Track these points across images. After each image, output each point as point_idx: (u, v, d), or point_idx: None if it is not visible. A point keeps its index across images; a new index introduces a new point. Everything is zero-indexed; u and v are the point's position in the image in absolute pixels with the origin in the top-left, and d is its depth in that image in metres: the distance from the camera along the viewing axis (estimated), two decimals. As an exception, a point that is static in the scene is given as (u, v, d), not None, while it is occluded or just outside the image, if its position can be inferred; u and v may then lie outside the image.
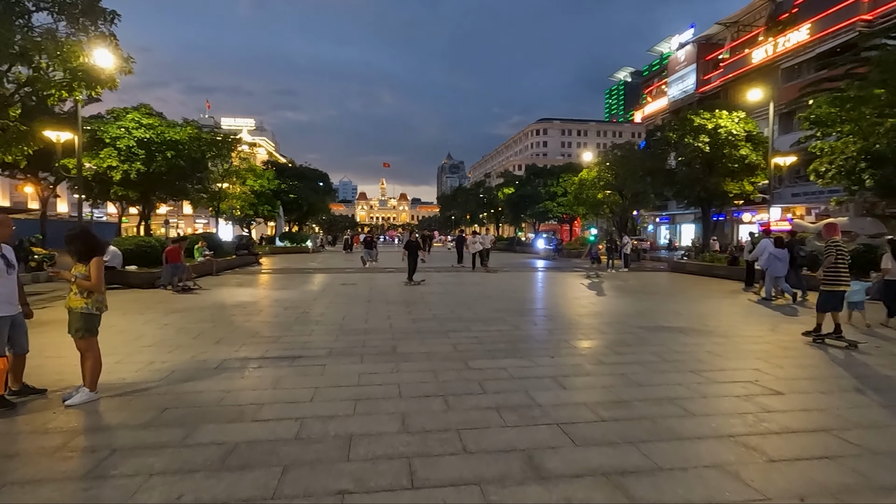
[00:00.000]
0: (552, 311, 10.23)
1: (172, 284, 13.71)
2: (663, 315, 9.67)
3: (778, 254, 11.66)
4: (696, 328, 8.29)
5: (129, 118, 17.47)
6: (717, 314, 9.92)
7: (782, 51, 37.67)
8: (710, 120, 20.32)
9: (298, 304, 10.84)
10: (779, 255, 11.65)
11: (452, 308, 10.31)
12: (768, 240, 12.22)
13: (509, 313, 9.74)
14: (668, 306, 10.98)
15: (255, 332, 7.79)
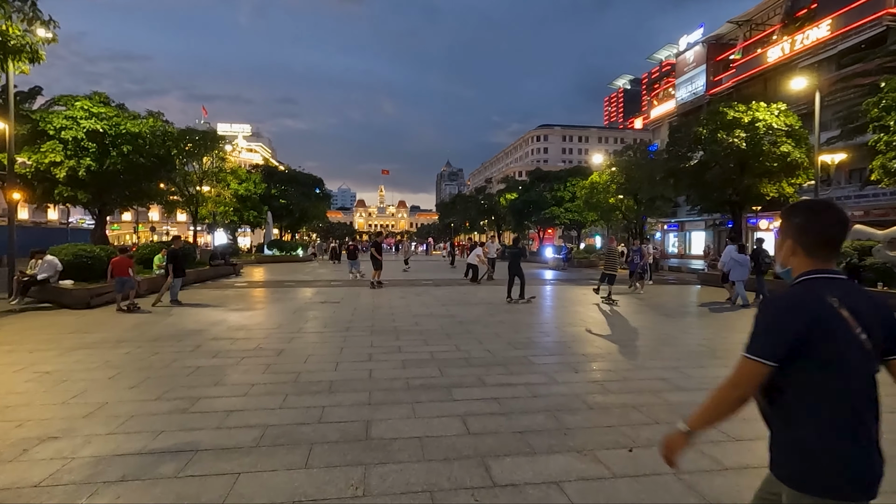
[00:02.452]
0: (594, 347, 7.69)
1: (116, 302, 11.29)
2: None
3: (740, 259, 12.26)
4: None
5: (77, 106, 14.97)
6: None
7: (800, 49, 35.57)
8: (745, 113, 17.91)
9: (255, 334, 8.30)
10: (740, 261, 12.25)
11: (456, 341, 7.77)
12: (732, 246, 12.62)
13: (536, 351, 7.21)
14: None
15: (165, 388, 5.25)
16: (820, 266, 1.64)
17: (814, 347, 1.53)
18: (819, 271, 1.63)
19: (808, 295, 1.59)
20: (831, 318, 1.54)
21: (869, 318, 1.57)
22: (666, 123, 54.23)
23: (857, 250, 14.45)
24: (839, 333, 1.54)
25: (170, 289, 12.23)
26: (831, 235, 1.65)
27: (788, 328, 1.54)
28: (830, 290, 1.59)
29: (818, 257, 1.65)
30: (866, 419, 1.56)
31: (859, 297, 1.61)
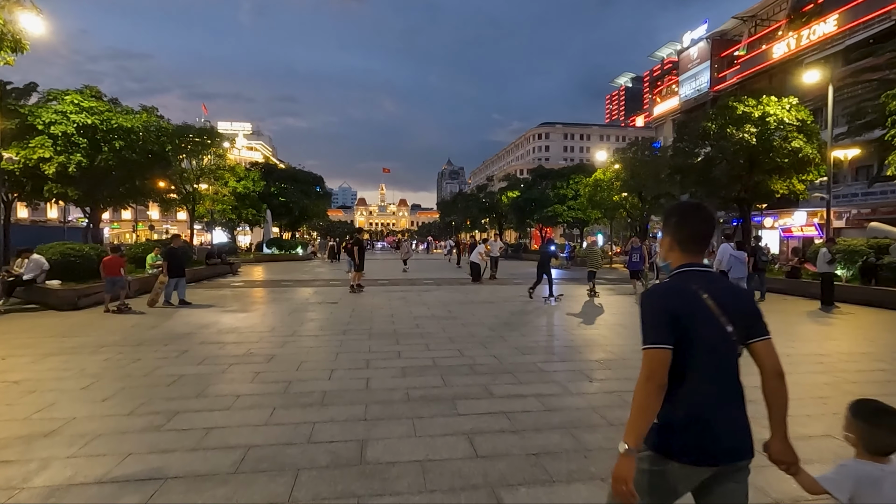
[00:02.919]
0: (606, 351, 7.21)
1: (104, 303, 10.89)
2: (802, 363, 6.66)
3: (738, 256, 12.13)
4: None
5: (67, 100, 14.47)
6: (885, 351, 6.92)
7: (807, 44, 35.04)
8: (755, 107, 17.37)
9: (247, 338, 7.83)
10: (739, 257, 12.11)
11: (460, 345, 7.30)
12: (729, 244, 12.64)
13: (545, 356, 6.74)
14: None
15: (141, 401, 4.78)
16: (691, 260, 1.83)
17: (682, 331, 1.69)
18: (690, 265, 1.82)
19: (678, 285, 1.79)
20: (696, 305, 1.72)
21: (730, 306, 1.74)
22: (669, 121, 53.67)
23: (873, 248, 13.95)
24: (703, 319, 1.70)
25: (167, 289, 11.74)
26: (699, 232, 1.84)
27: (666, 314, 1.71)
28: (698, 281, 1.77)
29: (689, 252, 1.84)
30: (725, 396, 1.74)
31: (722, 287, 1.80)
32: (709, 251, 26.54)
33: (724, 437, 1.71)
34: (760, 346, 1.77)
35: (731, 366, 1.76)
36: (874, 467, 1.63)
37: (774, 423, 1.81)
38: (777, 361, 1.78)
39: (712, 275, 1.83)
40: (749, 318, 1.78)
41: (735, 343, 1.75)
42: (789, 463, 1.78)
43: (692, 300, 1.73)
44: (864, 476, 1.62)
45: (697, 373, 1.71)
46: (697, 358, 1.71)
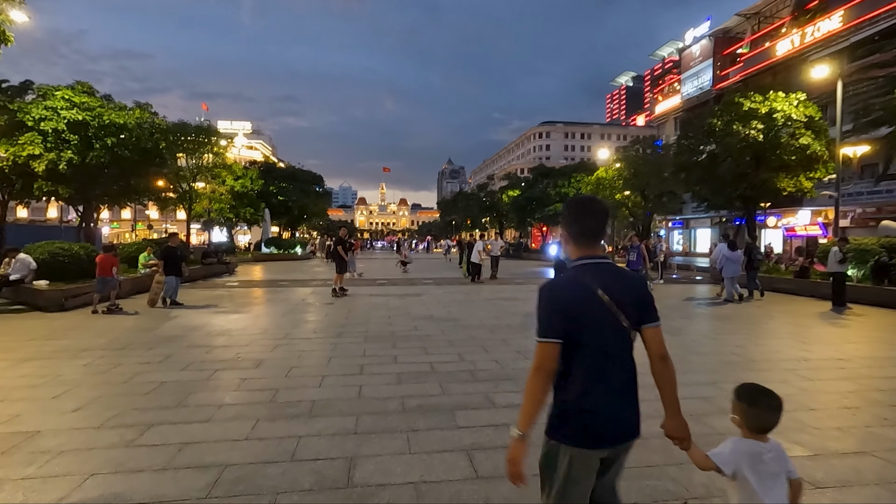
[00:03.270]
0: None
1: (93, 303, 10.58)
2: (823, 369, 6.30)
3: (731, 256, 12.46)
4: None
5: (58, 96, 14.09)
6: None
7: (811, 41, 34.65)
8: (762, 103, 16.98)
9: (236, 341, 7.47)
10: (732, 258, 12.45)
11: (460, 349, 6.92)
12: (724, 244, 12.94)
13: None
14: (803, 350, 7.62)
15: (114, 411, 4.43)
16: (585, 252, 1.89)
17: (574, 324, 1.77)
18: (585, 257, 1.89)
19: (572, 279, 1.84)
20: (588, 298, 1.79)
21: (623, 296, 1.81)
22: (671, 119, 53.31)
23: (884, 248, 13.58)
24: (594, 311, 1.78)
25: (167, 288, 11.39)
26: (590, 226, 1.90)
27: (558, 309, 1.79)
28: (591, 273, 1.83)
29: (582, 245, 1.90)
30: (616, 383, 1.83)
31: (616, 278, 1.86)
32: (712, 250, 25.87)
33: (615, 422, 1.83)
34: (649, 331, 1.87)
35: (622, 355, 1.85)
36: (756, 444, 1.79)
37: (666, 402, 1.92)
38: (661, 346, 1.88)
39: (607, 266, 1.89)
40: (641, 306, 1.86)
41: (627, 332, 1.83)
42: (681, 438, 1.89)
43: (584, 294, 1.80)
44: (747, 452, 1.78)
45: (589, 362, 1.80)
46: (589, 349, 1.79)
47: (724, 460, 1.79)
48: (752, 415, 1.81)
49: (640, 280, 1.98)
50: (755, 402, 1.82)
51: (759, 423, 1.80)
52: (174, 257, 11.54)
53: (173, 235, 12.33)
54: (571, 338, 1.78)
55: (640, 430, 1.90)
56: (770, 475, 1.76)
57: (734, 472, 1.78)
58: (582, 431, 1.80)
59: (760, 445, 1.79)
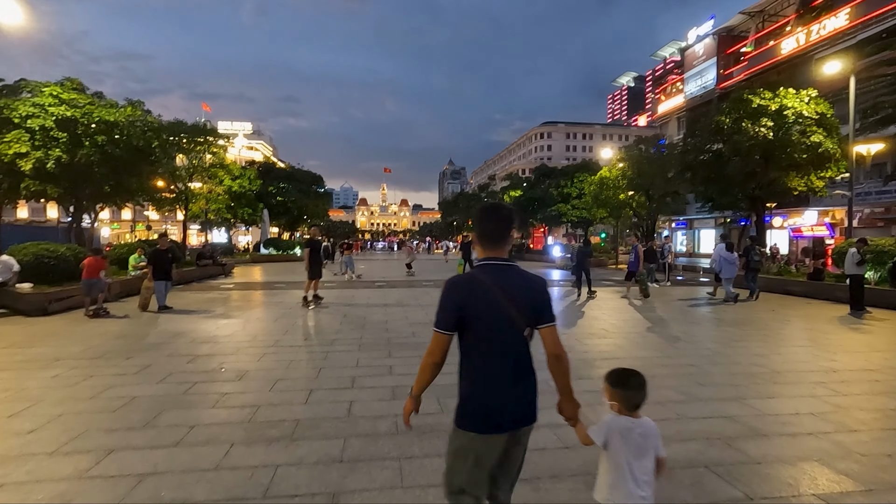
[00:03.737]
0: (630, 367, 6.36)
1: (85, 306, 10.22)
2: (855, 382, 5.82)
3: (728, 257, 12.63)
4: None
5: (45, 92, 13.64)
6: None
7: (817, 39, 34.21)
8: (772, 100, 16.49)
9: (222, 349, 7.01)
10: (729, 259, 12.61)
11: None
12: (721, 245, 13.17)
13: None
14: (829, 360, 7.14)
15: (74, 433, 3.96)
16: (489, 254, 2.10)
17: (468, 318, 1.98)
18: (488, 258, 2.09)
19: (471, 276, 2.03)
20: (484, 295, 1.97)
21: (519, 296, 1.99)
22: (674, 119, 52.89)
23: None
24: (488, 307, 1.96)
25: (157, 292, 10.87)
26: (493, 231, 2.10)
27: (453, 304, 1.99)
28: (491, 273, 2.02)
29: (487, 247, 2.11)
30: (510, 373, 2.02)
31: (515, 279, 2.04)
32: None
33: (509, 409, 2.00)
34: (544, 331, 2.02)
35: (516, 347, 2.00)
36: (627, 420, 1.99)
37: (559, 389, 2.09)
38: (555, 345, 2.02)
39: (509, 268, 2.05)
40: (538, 307, 2.01)
41: (519, 328, 1.97)
42: (571, 417, 2.09)
43: (480, 291, 1.96)
44: (618, 427, 1.97)
45: (484, 353, 1.99)
46: (483, 341, 1.98)
47: (598, 433, 2.00)
48: (623, 395, 2.01)
49: (539, 282, 2.11)
50: (624, 384, 2.03)
51: (630, 401, 2.01)
52: (163, 260, 11.03)
53: (163, 236, 11.85)
54: (468, 332, 2.00)
55: (536, 416, 2.10)
56: (638, 447, 1.98)
57: (605, 442, 1.98)
58: (479, 418, 1.99)
59: (632, 421, 2.00)
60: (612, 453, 1.99)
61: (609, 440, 1.98)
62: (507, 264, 2.07)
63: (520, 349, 2.02)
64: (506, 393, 2.01)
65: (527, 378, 2.08)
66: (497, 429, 2.00)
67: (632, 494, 1.95)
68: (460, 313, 1.97)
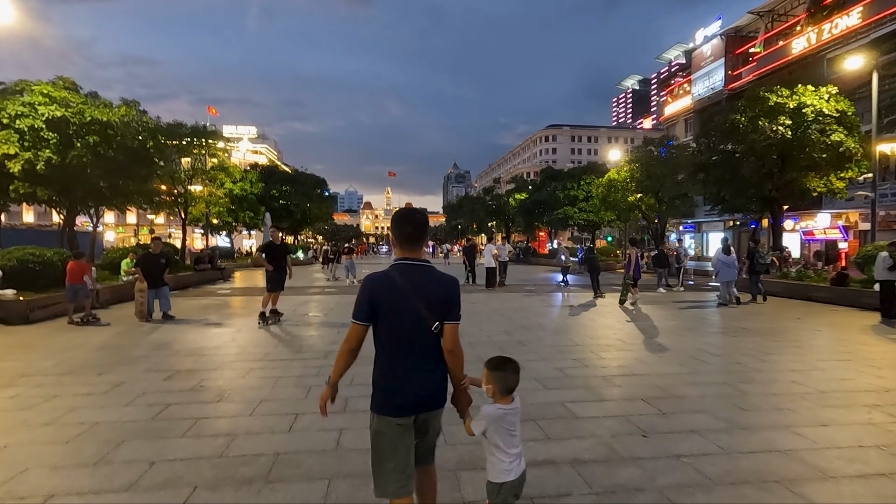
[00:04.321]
0: (654, 386, 5.71)
1: (68, 313, 9.73)
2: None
3: (726, 260, 12.56)
4: None
5: (36, 91, 13.16)
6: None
7: (828, 38, 33.53)
8: (790, 98, 15.80)
9: (205, 363, 6.41)
10: (727, 262, 12.55)
11: (466, 374, 5.86)
12: (720, 248, 13.19)
13: (576, 392, 5.25)
14: (874, 378, 6.47)
15: (15, 469, 3.36)
16: (406, 255, 2.27)
17: (380, 311, 2.17)
18: (404, 259, 2.26)
19: (385, 274, 2.22)
20: (395, 291, 2.17)
21: (428, 293, 2.18)
22: (681, 120, 52.26)
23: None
24: (398, 302, 2.16)
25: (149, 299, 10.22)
26: (409, 233, 2.29)
27: (367, 298, 2.18)
28: (404, 272, 2.20)
29: (404, 248, 2.29)
30: (417, 362, 2.20)
31: (426, 278, 2.23)
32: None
33: (416, 393, 2.21)
34: (447, 327, 2.20)
35: (423, 339, 2.20)
36: (500, 408, 2.22)
37: (453, 381, 2.30)
38: (451, 342, 2.21)
39: (421, 267, 2.26)
40: (445, 304, 2.21)
41: (427, 321, 2.17)
42: (460, 409, 2.33)
43: (391, 287, 2.18)
44: (493, 414, 2.20)
45: (393, 343, 2.20)
46: (393, 332, 2.19)
47: (477, 426, 2.23)
48: (499, 377, 2.22)
49: (450, 282, 2.28)
50: (501, 368, 2.24)
51: (505, 384, 2.22)
52: (154, 265, 10.38)
53: (156, 240, 11.25)
54: (380, 324, 2.20)
55: (442, 401, 2.28)
56: (511, 424, 2.23)
57: (483, 430, 2.22)
58: (388, 403, 2.20)
59: (504, 408, 2.21)
60: (491, 439, 2.22)
61: (487, 429, 2.21)
62: (422, 264, 2.25)
63: (427, 341, 2.19)
64: (413, 380, 2.19)
65: (434, 367, 2.24)
66: (406, 411, 2.19)
67: (507, 468, 2.22)
68: (373, 306, 2.16)
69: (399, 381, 2.19)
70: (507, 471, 2.22)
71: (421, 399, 2.21)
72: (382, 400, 2.21)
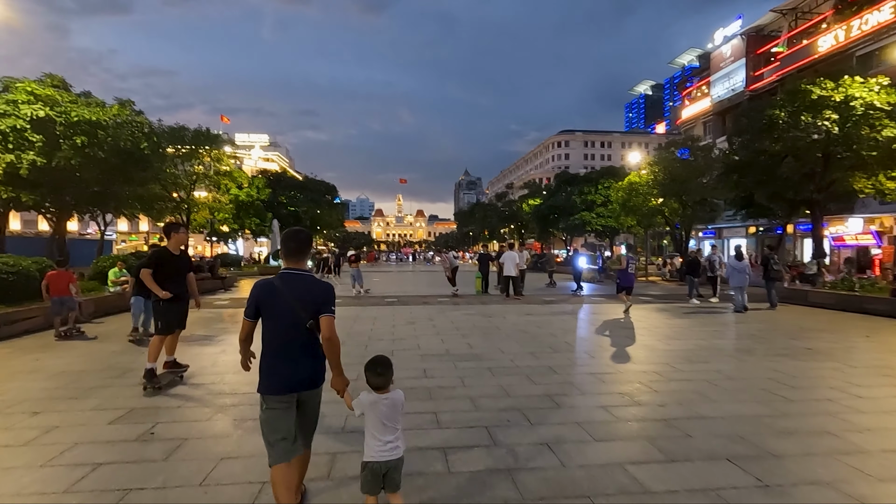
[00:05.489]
0: (703, 420, 4.44)
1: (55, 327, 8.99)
2: None
3: (737, 266, 12.62)
4: None
5: (20, 88, 12.28)
6: None
7: (858, 35, 31.99)
8: (835, 90, 14.41)
9: (174, 397, 5.26)
10: (737, 267, 12.60)
11: (489, 416, 4.62)
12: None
13: (638, 450, 4.01)
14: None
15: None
16: (290, 265, 2.87)
17: (264, 310, 2.77)
18: (287, 269, 2.85)
19: (269, 281, 2.82)
20: (274, 293, 2.76)
21: (301, 295, 2.74)
22: (700, 123, 50.73)
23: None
24: (276, 302, 2.74)
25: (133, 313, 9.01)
26: (292, 248, 2.89)
27: (253, 299, 2.77)
28: (285, 279, 2.79)
29: (288, 260, 2.88)
30: (293, 349, 2.74)
31: (301, 284, 2.79)
32: (752, 261, 22.96)
33: (292, 376, 2.74)
34: (322, 319, 2.71)
35: (298, 333, 2.74)
36: (374, 396, 2.68)
37: (331, 366, 2.79)
38: (327, 330, 2.71)
39: (300, 275, 2.83)
40: (316, 303, 2.73)
41: (301, 319, 2.71)
42: (339, 390, 2.81)
43: (272, 290, 2.77)
44: (368, 401, 2.67)
45: (274, 337, 2.76)
46: (273, 326, 2.76)
47: (357, 406, 2.70)
48: (367, 377, 2.70)
49: (322, 287, 2.84)
50: (368, 368, 2.71)
51: (372, 382, 2.70)
52: None
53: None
54: (264, 320, 2.78)
55: (317, 383, 2.85)
56: (385, 416, 2.66)
57: (360, 414, 2.69)
58: (271, 384, 2.72)
59: (377, 396, 2.68)
60: (367, 421, 2.69)
61: (364, 412, 2.68)
62: (300, 273, 2.85)
63: (302, 334, 2.75)
64: (289, 365, 2.74)
65: (309, 355, 2.79)
66: (284, 391, 2.73)
67: (380, 451, 2.63)
68: (257, 306, 2.77)
69: (280, 366, 2.72)
70: (374, 453, 2.62)
71: (298, 381, 2.74)
72: (267, 382, 2.72)
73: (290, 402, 2.71)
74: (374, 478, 2.60)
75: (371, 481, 2.61)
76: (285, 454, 2.64)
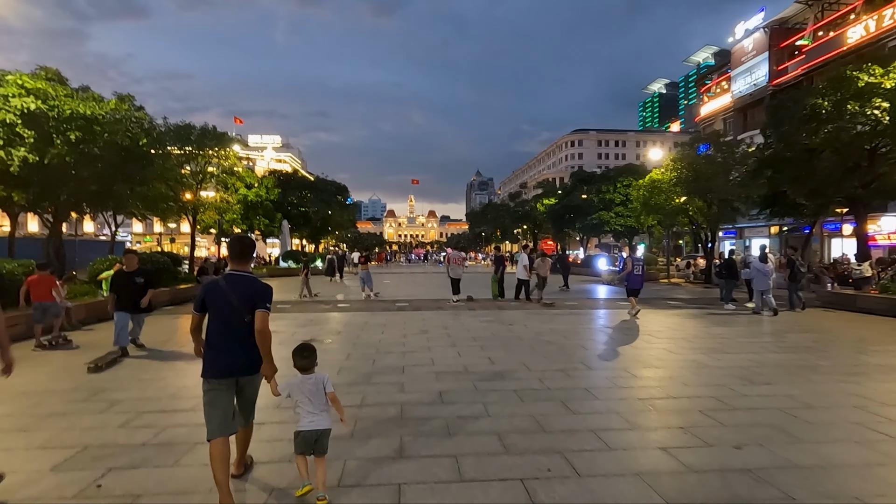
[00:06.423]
0: (770, 449, 3.45)
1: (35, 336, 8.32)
2: None
3: (762, 268, 12.17)
4: None
5: (10, 81, 11.63)
6: None
7: (890, 25, 30.65)
8: (886, 77, 13.22)
9: (144, 430, 4.39)
10: (763, 270, 12.13)
11: (523, 462, 3.67)
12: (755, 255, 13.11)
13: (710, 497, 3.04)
14: None
15: None
16: (235, 267, 3.31)
17: (209, 304, 3.20)
18: (232, 270, 3.30)
19: (214, 281, 3.29)
20: (217, 291, 3.19)
21: (240, 292, 3.15)
22: (719, 119, 49.24)
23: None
24: (219, 298, 3.16)
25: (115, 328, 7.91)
26: (238, 252, 3.35)
27: (201, 296, 3.24)
28: (228, 279, 3.22)
29: (234, 263, 3.32)
30: (232, 339, 3.15)
31: (243, 283, 3.21)
32: (779, 263, 21.55)
33: (230, 362, 3.14)
34: (257, 313, 3.10)
35: (237, 325, 3.14)
36: (299, 378, 3.23)
37: (262, 355, 3.14)
38: (260, 322, 3.10)
39: (242, 276, 3.25)
40: (253, 299, 3.13)
41: (240, 313, 3.12)
42: (268, 377, 3.18)
43: (217, 289, 3.19)
44: (294, 382, 3.21)
45: (216, 327, 3.17)
46: (215, 318, 3.17)
47: (283, 389, 3.18)
48: (295, 360, 3.23)
49: (260, 286, 3.24)
50: (295, 353, 3.25)
51: (297, 364, 3.24)
52: (126, 285, 7.93)
53: (129, 253, 8.97)
54: (209, 314, 3.21)
55: (253, 369, 3.20)
56: (311, 392, 3.18)
57: (288, 394, 3.21)
58: (212, 369, 3.13)
59: (302, 377, 3.22)
60: (297, 399, 3.19)
61: (291, 392, 3.20)
62: (243, 274, 3.27)
63: (240, 324, 3.13)
64: (227, 353, 3.14)
65: (247, 345, 3.14)
66: (224, 375, 3.14)
67: (309, 422, 3.15)
68: (203, 301, 3.22)
69: (221, 354, 3.15)
70: (305, 423, 3.15)
71: (237, 367, 3.17)
72: (209, 366, 3.15)
73: (230, 385, 3.16)
74: (305, 443, 3.13)
75: (302, 445, 3.14)
76: (221, 429, 3.04)
